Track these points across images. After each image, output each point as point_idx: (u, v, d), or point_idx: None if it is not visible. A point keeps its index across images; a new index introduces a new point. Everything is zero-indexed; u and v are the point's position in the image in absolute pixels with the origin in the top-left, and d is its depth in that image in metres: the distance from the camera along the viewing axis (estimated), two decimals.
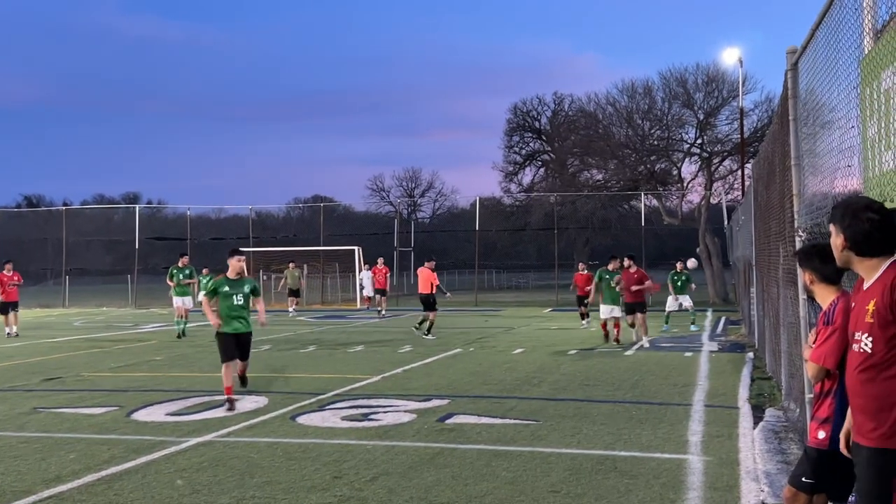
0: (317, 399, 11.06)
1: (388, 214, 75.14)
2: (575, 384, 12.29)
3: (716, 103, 40.78)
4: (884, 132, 3.69)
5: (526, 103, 66.35)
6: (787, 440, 8.23)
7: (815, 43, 5.88)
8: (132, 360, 16.22)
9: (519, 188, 63.57)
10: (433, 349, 17.43)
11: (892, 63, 3.50)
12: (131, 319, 30.17)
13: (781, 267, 9.08)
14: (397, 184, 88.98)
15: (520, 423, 9.28)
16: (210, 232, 54.59)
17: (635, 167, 42.13)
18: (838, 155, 5.14)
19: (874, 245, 3.34)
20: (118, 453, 8.06)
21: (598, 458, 7.63)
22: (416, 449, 8.06)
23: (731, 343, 18.30)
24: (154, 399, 11.27)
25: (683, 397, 11.00)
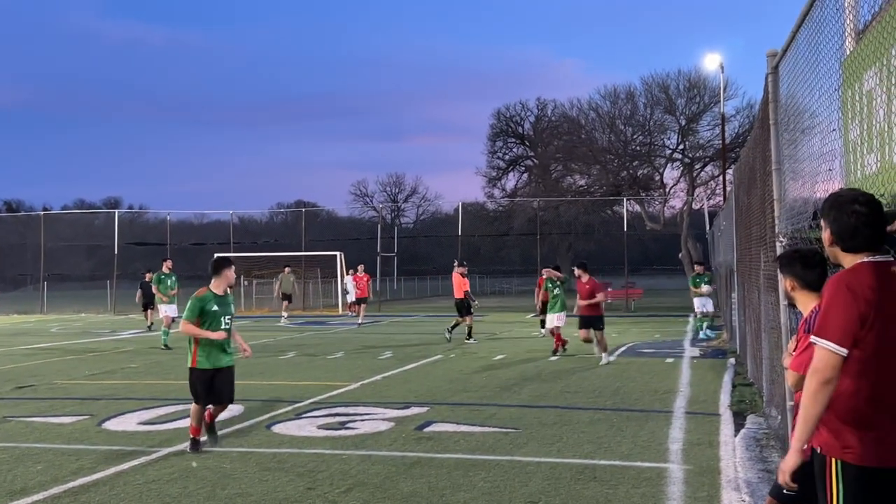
0: (294, 407, 10.88)
1: (371, 220, 74.97)
2: (555, 391, 12.17)
3: (697, 109, 40.97)
4: (866, 134, 3.59)
5: (509, 108, 66.41)
6: (768, 448, 8.14)
7: (796, 45, 5.79)
8: (107, 368, 15.96)
9: (502, 193, 63.57)
10: (414, 356, 17.27)
11: (875, 63, 3.40)
12: (109, 326, 29.84)
13: (762, 272, 9.00)
14: (381, 189, 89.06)
15: (499, 432, 9.15)
16: (191, 237, 54.24)
17: (618, 172, 42.23)
18: (819, 159, 5.05)
19: (860, 240, 3.21)
20: (87, 464, 7.86)
21: (578, 467, 7.50)
22: (393, 458, 7.91)
23: (712, 349, 18.24)
24: (127, 408, 11.05)
25: (664, 404, 10.90)
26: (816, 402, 3.18)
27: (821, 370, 3.16)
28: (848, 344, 3.12)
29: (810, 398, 3.19)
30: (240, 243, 45.46)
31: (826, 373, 3.14)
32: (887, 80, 3.22)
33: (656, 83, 41.48)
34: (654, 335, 22.31)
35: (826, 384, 3.15)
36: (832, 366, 3.14)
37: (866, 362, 3.13)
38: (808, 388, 3.21)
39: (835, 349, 3.13)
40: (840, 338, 3.13)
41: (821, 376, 3.15)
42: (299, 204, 73.93)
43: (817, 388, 3.16)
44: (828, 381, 3.14)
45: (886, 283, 3.15)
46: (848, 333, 3.12)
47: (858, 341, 3.12)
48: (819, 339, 3.21)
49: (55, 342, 22.59)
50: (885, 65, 3.23)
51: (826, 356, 3.15)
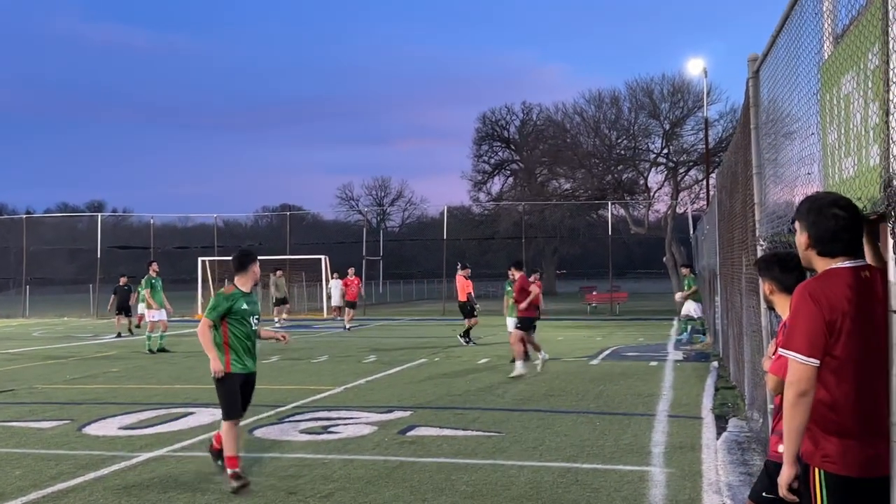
0: (276, 411, 10.83)
1: (356, 223, 74.89)
2: (539, 394, 12.17)
3: (681, 113, 41.15)
4: (844, 138, 3.60)
5: (495, 112, 66.47)
6: (749, 451, 8.16)
7: (776, 50, 5.82)
8: (89, 372, 15.84)
9: (488, 197, 63.63)
10: (398, 359, 17.24)
11: (852, 68, 3.41)
12: (92, 330, 29.64)
13: (744, 276, 9.04)
14: (366, 192, 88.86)
15: (482, 435, 9.13)
16: (175, 241, 53.98)
17: (603, 176, 42.35)
18: (798, 163, 5.07)
19: (838, 244, 3.19)
20: (66, 469, 7.79)
21: (560, 470, 7.50)
22: (375, 463, 7.88)
23: (696, 352, 18.30)
24: (108, 412, 10.97)
25: (647, 407, 10.92)
26: (796, 413, 3.16)
27: (795, 382, 3.14)
28: (817, 353, 3.10)
29: (789, 411, 3.18)
30: (224, 247, 45.19)
31: (801, 384, 3.13)
32: (864, 84, 3.23)
33: (640, 88, 41.69)
34: (637, 339, 22.37)
35: (802, 396, 3.13)
36: (806, 377, 3.12)
37: (841, 369, 3.11)
38: (787, 401, 3.20)
39: (804, 360, 3.11)
40: (807, 348, 3.11)
41: (796, 388, 3.14)
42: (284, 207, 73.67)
43: (795, 401, 3.15)
44: (804, 392, 3.13)
45: (858, 288, 3.13)
46: (814, 343, 3.10)
47: (830, 349, 3.10)
48: (787, 351, 3.19)
49: (37, 346, 22.41)
50: (862, 69, 3.24)
51: (798, 368, 3.13)
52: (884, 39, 2.90)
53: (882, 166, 2.96)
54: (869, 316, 3.09)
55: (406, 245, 69.27)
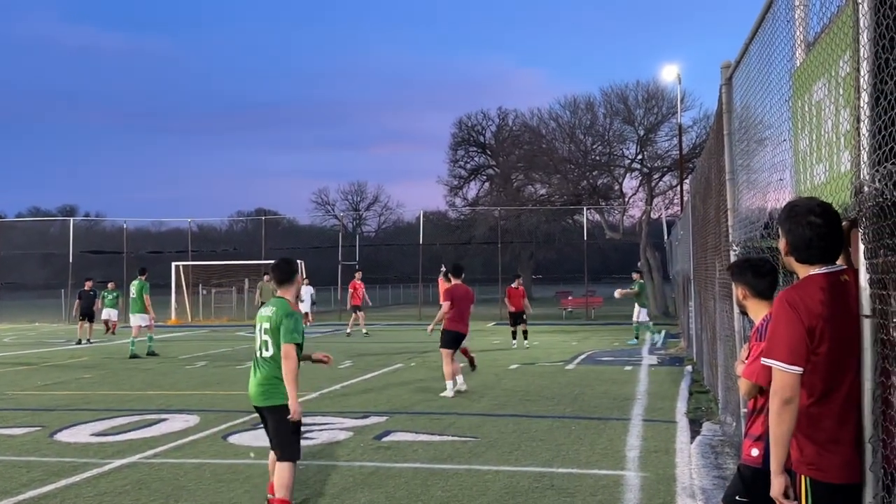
0: (251, 417, 10.72)
1: (332, 228, 74.54)
2: (515, 399, 12.18)
3: (655, 120, 41.39)
4: (815, 144, 3.64)
5: (471, 118, 66.52)
6: (723, 455, 8.22)
7: (749, 57, 5.88)
8: (60, 378, 15.66)
9: (464, 202, 63.62)
10: (374, 365, 17.19)
11: (824, 75, 3.45)
12: (64, 336, 29.28)
13: (717, 281, 9.10)
14: (342, 197, 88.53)
15: (458, 441, 9.12)
16: (148, 245, 53.51)
17: (578, 182, 42.49)
18: (771, 169, 5.12)
19: (815, 252, 3.20)
20: (37, 476, 7.69)
21: (536, 475, 7.51)
22: (351, 468, 7.85)
23: (670, 357, 18.41)
24: (80, 419, 10.84)
25: (622, 412, 10.96)
26: (781, 422, 3.16)
27: (779, 391, 3.15)
28: (800, 361, 3.11)
29: (775, 419, 3.19)
30: (198, 251, 44.90)
31: (784, 392, 3.14)
32: (835, 91, 3.27)
33: (615, 94, 41.91)
34: (613, 343, 22.47)
35: (787, 404, 3.14)
36: (789, 385, 3.13)
37: (824, 375, 3.13)
38: (772, 410, 3.20)
39: (786, 368, 3.12)
40: (788, 356, 3.12)
41: (780, 397, 3.15)
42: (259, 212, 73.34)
43: (780, 409, 3.15)
44: (788, 400, 3.14)
45: (837, 293, 3.14)
46: (796, 351, 3.11)
47: (812, 355, 3.12)
48: (769, 360, 3.21)
49: (8, 352, 22.11)
50: (834, 76, 3.28)
51: (781, 376, 3.15)
52: (855, 47, 2.94)
53: (853, 172, 3.00)
54: (847, 321, 3.11)
55: (382, 250, 69.12)
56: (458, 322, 13.04)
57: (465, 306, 13.15)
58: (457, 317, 13.02)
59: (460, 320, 13.05)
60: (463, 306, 13.11)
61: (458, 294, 13.16)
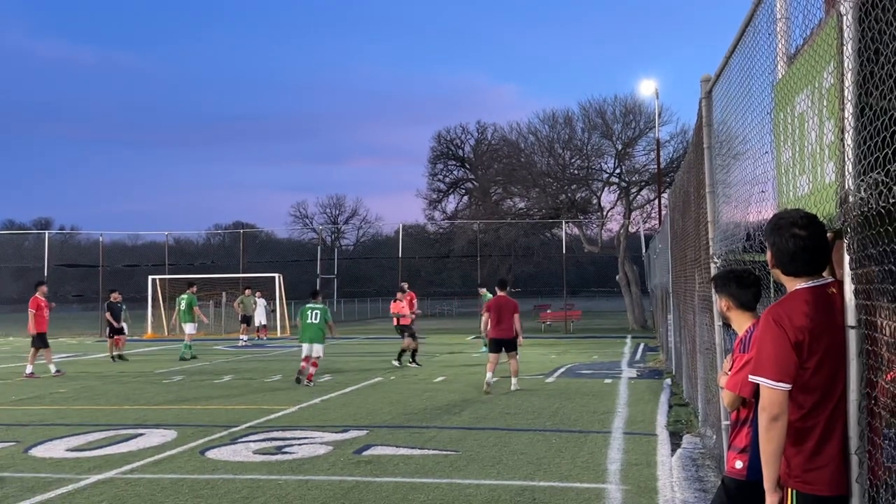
0: (229, 432, 10.65)
1: (311, 241, 74.32)
2: (496, 413, 12.15)
3: (633, 134, 41.63)
4: (798, 156, 3.65)
5: (450, 131, 66.85)
6: (704, 467, 8.22)
7: (729, 70, 5.91)
8: (35, 393, 15.43)
9: (443, 216, 63.76)
10: (353, 378, 17.10)
11: (807, 87, 3.47)
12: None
13: (697, 293, 9.13)
14: (321, 210, 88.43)
15: (439, 454, 9.07)
16: (124, 259, 53.04)
17: (556, 195, 42.62)
18: (751, 182, 5.14)
19: (799, 264, 3.20)
20: (12, 492, 7.55)
21: (517, 489, 7.47)
22: (331, 483, 7.77)
23: (649, 370, 18.45)
24: (55, 434, 10.68)
25: (603, 425, 10.95)
26: (770, 439, 3.16)
27: (767, 407, 3.14)
28: (787, 378, 3.10)
29: (764, 436, 3.18)
30: (175, 265, 44.60)
31: (772, 409, 3.13)
32: (819, 102, 3.28)
33: (594, 108, 42.10)
34: (592, 356, 22.49)
35: (775, 420, 3.13)
36: (777, 402, 3.12)
37: (811, 389, 3.12)
38: (761, 427, 3.19)
39: (774, 385, 3.11)
40: (776, 373, 3.11)
41: (768, 414, 3.14)
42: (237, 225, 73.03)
43: (768, 425, 3.14)
44: (775, 417, 3.13)
45: (823, 306, 3.14)
46: (783, 367, 3.10)
47: (801, 370, 3.11)
48: (757, 377, 3.20)
49: None
50: (817, 88, 3.30)
51: (768, 393, 3.14)
52: (839, 58, 2.95)
53: (838, 183, 3.01)
54: (834, 334, 3.11)
55: (361, 263, 69.01)
56: (496, 328, 15.04)
57: (503, 315, 15.00)
58: (494, 324, 15.02)
59: (496, 327, 15.01)
60: (502, 315, 15.00)
61: (495, 305, 15.25)
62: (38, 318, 18.87)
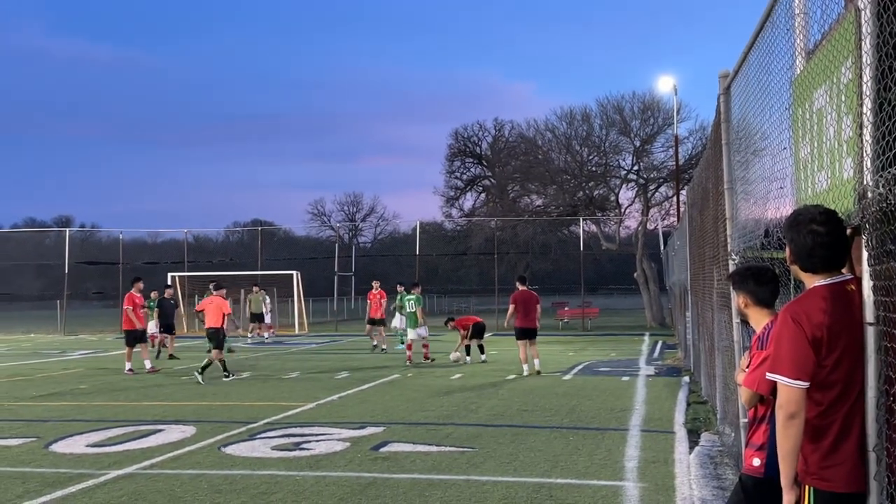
0: (247, 428, 10.71)
1: (328, 239, 74.63)
2: (512, 410, 12.14)
3: (652, 131, 41.45)
4: (816, 152, 3.63)
5: (467, 129, 66.68)
6: (722, 465, 8.19)
7: (748, 66, 5.88)
8: (56, 389, 15.58)
9: (460, 213, 63.67)
10: (371, 375, 17.15)
11: (825, 82, 3.45)
12: (59, 346, 29.18)
13: (715, 291, 9.09)
14: (338, 208, 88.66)
15: (456, 451, 9.08)
16: (144, 256, 53.38)
17: (574, 193, 42.51)
18: (770, 178, 5.11)
19: (817, 261, 3.18)
20: (33, 487, 7.64)
21: (534, 485, 7.47)
22: (348, 479, 7.80)
23: (667, 367, 18.39)
24: (75, 429, 10.78)
25: (620, 422, 10.93)
26: (788, 437, 3.15)
27: (784, 405, 3.13)
28: (805, 375, 3.09)
29: (781, 433, 3.17)
30: (194, 262, 44.81)
31: (790, 407, 3.12)
32: (837, 98, 3.26)
33: (611, 105, 41.96)
34: (610, 354, 22.44)
35: (792, 418, 3.12)
36: (794, 400, 3.11)
37: (829, 386, 3.11)
38: (778, 425, 3.18)
39: (791, 383, 3.10)
40: (793, 371, 3.10)
41: (785, 412, 3.13)
42: (255, 223, 73.30)
43: (785, 423, 3.13)
44: (793, 415, 3.12)
45: (842, 303, 3.12)
46: (801, 365, 3.09)
47: (819, 368, 3.09)
48: (774, 374, 3.19)
49: (2, 363, 22.01)
50: (835, 83, 3.28)
51: (786, 391, 3.13)
52: (857, 54, 2.94)
53: (856, 179, 2.99)
54: (853, 331, 3.09)
55: (378, 261, 69.00)
56: (524, 319, 17.00)
57: (529, 307, 17.09)
58: (522, 316, 16.98)
59: (524, 318, 16.98)
60: (528, 307, 17.08)
61: (521, 298, 17.18)
62: (135, 314, 18.89)
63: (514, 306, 17.23)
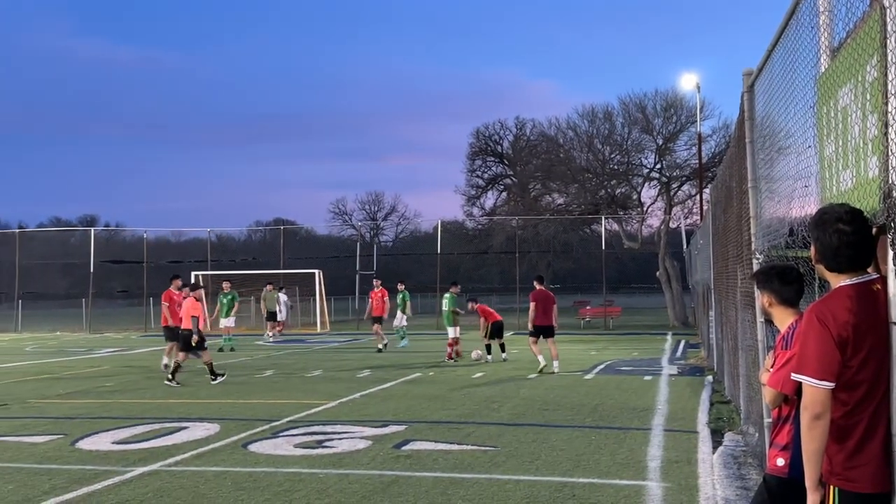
0: (270, 426, 10.78)
1: (350, 238, 74.85)
2: (534, 409, 12.14)
3: (674, 129, 41.24)
4: (841, 151, 3.61)
5: (488, 127, 66.52)
6: (746, 465, 8.14)
7: (772, 64, 5.85)
8: (82, 387, 15.76)
9: (481, 212, 63.61)
10: (393, 373, 17.20)
11: (850, 80, 3.43)
12: (85, 344, 29.49)
13: (739, 290, 9.04)
14: (360, 207, 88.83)
15: (478, 450, 9.10)
16: (168, 255, 53.81)
17: (596, 191, 42.39)
18: (794, 176, 5.08)
19: (843, 260, 3.16)
20: (59, 484, 7.73)
21: (556, 485, 7.47)
22: (371, 477, 7.84)
23: (690, 367, 18.30)
24: (101, 427, 10.90)
25: (643, 421, 10.89)
26: (813, 438, 3.13)
27: (809, 406, 3.12)
28: (830, 376, 3.07)
29: (806, 435, 3.15)
30: (217, 261, 45.14)
31: (815, 408, 3.10)
32: (862, 96, 3.24)
33: (633, 103, 41.80)
34: (632, 353, 22.35)
35: (817, 419, 3.10)
36: (819, 400, 3.09)
37: (854, 386, 3.09)
38: (803, 426, 3.17)
39: (816, 384, 3.09)
40: (819, 372, 3.08)
41: (810, 412, 3.11)
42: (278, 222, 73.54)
43: (811, 424, 3.12)
44: (818, 415, 3.10)
45: (868, 303, 3.10)
46: (826, 365, 3.07)
47: (845, 368, 3.07)
48: (799, 375, 3.17)
49: (29, 361, 22.28)
50: (860, 81, 3.26)
51: (811, 391, 3.11)
52: (882, 52, 2.92)
53: (881, 177, 2.97)
54: (879, 332, 3.07)
55: (400, 259, 69.15)
56: (543, 317, 17.56)
57: (547, 306, 17.61)
58: (540, 314, 17.53)
59: (543, 316, 17.53)
60: (546, 306, 17.60)
61: (540, 297, 17.69)
62: (171, 311, 18.84)
63: (535, 304, 17.64)
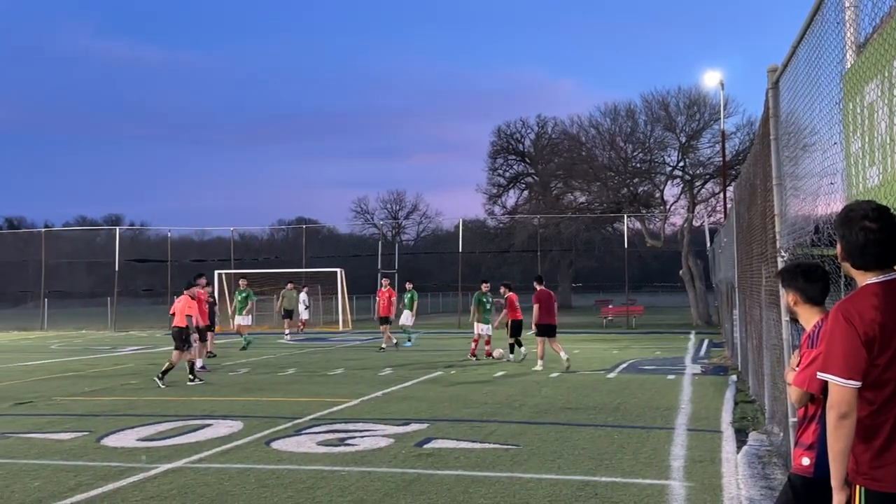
0: (293, 423, 10.82)
1: (372, 236, 74.92)
2: (556, 407, 12.11)
3: (697, 126, 40.98)
4: (868, 147, 3.57)
5: (510, 126, 66.53)
6: (770, 465, 8.08)
7: (797, 60, 5.80)
8: (107, 384, 15.91)
9: (503, 210, 63.59)
10: (414, 372, 17.22)
11: (876, 76, 3.39)
12: (110, 342, 29.76)
13: (764, 288, 8.97)
14: (381, 206, 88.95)
15: (499, 448, 9.09)
16: (192, 254, 54.21)
17: (618, 189, 42.20)
18: (820, 174, 5.04)
19: (869, 259, 3.11)
20: (85, 480, 7.81)
21: (579, 483, 7.45)
22: (393, 475, 7.85)
23: (714, 366, 18.18)
24: (126, 424, 11.00)
25: (666, 421, 10.84)
26: (839, 437, 3.10)
27: (835, 405, 3.09)
28: (856, 375, 3.04)
29: (832, 434, 3.12)
30: (241, 260, 45.43)
31: (841, 407, 3.07)
32: (888, 92, 3.20)
33: (656, 100, 41.57)
34: (655, 352, 22.24)
35: (843, 418, 3.07)
36: (846, 400, 3.06)
37: (880, 385, 3.05)
38: (829, 425, 3.14)
39: (843, 383, 3.05)
40: (844, 370, 3.05)
41: (836, 412, 3.08)
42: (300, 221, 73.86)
43: (837, 423, 3.09)
44: (844, 415, 3.07)
45: (894, 300, 3.05)
46: (853, 364, 3.04)
47: (871, 367, 3.04)
48: (825, 374, 3.14)
49: (55, 359, 22.53)
50: (887, 77, 3.22)
51: (837, 391, 3.08)
52: None
53: None
54: None
55: (421, 258, 69.20)
56: (547, 316, 18.08)
57: (550, 305, 18.18)
58: (544, 313, 18.05)
59: (547, 315, 18.07)
60: (549, 305, 18.15)
61: (543, 297, 18.25)
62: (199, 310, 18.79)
63: (539, 305, 18.09)
